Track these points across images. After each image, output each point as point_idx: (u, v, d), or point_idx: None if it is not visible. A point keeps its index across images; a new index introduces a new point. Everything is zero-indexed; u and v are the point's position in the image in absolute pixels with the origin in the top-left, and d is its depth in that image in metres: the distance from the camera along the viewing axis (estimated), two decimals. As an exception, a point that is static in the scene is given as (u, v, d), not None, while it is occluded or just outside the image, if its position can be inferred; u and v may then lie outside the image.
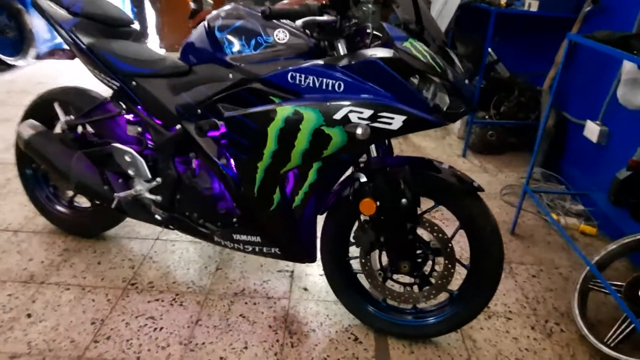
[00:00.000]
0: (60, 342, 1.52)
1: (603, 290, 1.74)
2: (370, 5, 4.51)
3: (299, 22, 1.25)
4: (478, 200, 1.45)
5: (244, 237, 1.61)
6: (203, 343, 1.56)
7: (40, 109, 1.87)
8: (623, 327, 1.60)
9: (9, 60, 4.51)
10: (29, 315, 1.62)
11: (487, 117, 3.06)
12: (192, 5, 4.55)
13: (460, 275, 1.77)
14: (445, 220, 2.34)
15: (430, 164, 1.48)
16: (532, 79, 3.08)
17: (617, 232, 2.16)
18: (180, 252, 2.00)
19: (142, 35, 1.80)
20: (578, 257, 2.16)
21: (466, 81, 1.35)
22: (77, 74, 4.58)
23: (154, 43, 5.95)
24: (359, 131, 1.22)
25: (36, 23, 4.93)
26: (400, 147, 3.24)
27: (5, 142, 3.00)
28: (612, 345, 1.58)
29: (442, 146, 3.29)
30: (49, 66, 4.86)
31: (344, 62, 1.28)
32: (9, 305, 1.65)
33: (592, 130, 2.39)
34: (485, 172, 2.93)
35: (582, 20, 2.54)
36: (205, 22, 1.50)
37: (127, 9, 5.70)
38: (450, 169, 1.47)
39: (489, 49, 2.83)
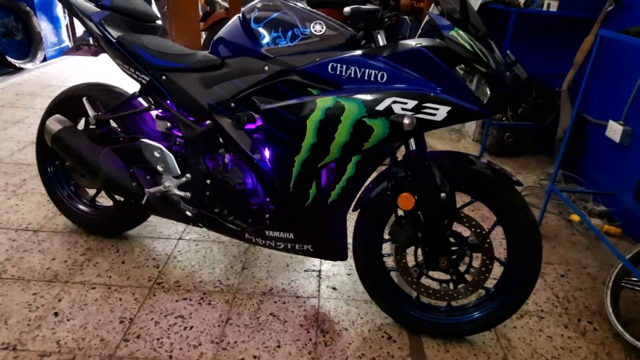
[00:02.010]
0: (89, 340, 1.48)
1: (636, 287, 1.72)
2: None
3: (347, 9, 1.24)
4: (517, 195, 1.43)
5: (276, 234, 1.58)
6: (235, 342, 1.52)
7: (65, 105, 1.85)
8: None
9: (17, 63, 4.49)
10: (56, 314, 1.58)
11: (504, 118, 3.05)
12: (203, 8, 4.56)
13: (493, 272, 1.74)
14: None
15: (467, 158, 1.46)
16: (549, 80, 3.08)
17: (643, 231, 2.14)
18: (204, 252, 1.97)
19: (166, 32, 1.78)
20: (604, 256, 2.14)
21: (507, 73, 1.34)
22: (86, 77, 4.56)
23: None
24: (406, 121, 1.20)
25: (44, 26, 4.92)
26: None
27: (18, 144, 2.97)
28: (650, 342, 1.56)
29: (457, 149, 3.27)
30: (57, 69, 4.84)
31: (387, 51, 1.27)
32: (34, 304, 1.61)
33: (614, 130, 2.38)
34: (503, 174, 2.92)
35: (603, 20, 2.54)
36: (240, 14, 1.49)
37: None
38: (488, 163, 1.45)
39: (508, 51, 2.83)
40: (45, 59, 4.94)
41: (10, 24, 4.50)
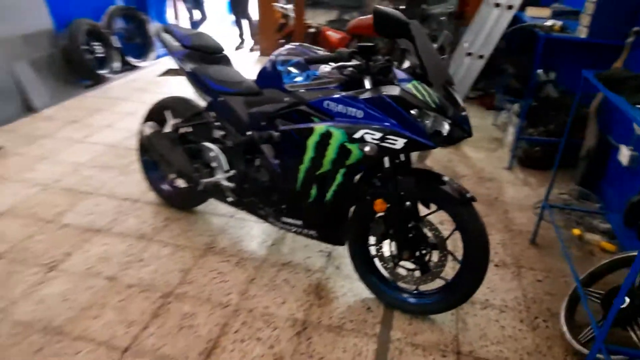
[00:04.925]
0: (158, 280, 2.17)
1: (591, 297, 1.98)
2: (444, 18, 4.82)
3: (328, 68, 1.72)
4: (470, 208, 1.80)
5: (289, 220, 2.13)
6: (254, 295, 2.11)
7: (155, 113, 2.55)
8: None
9: (134, 61, 5.50)
10: (140, 260, 2.30)
11: (535, 133, 3.25)
12: (282, 20, 5.18)
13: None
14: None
15: (436, 176, 1.86)
16: (587, 98, 3.20)
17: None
18: (247, 229, 2.59)
19: (229, 60, 2.39)
20: (587, 268, 2.36)
21: (463, 113, 1.71)
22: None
23: (248, 45, 6.85)
24: (367, 149, 1.67)
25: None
26: (449, 155, 3.56)
27: (129, 132, 3.83)
28: (583, 342, 1.85)
29: (490, 158, 3.53)
30: (163, 67, 5.80)
31: (364, 95, 1.73)
32: (127, 252, 2.35)
33: (624, 154, 2.55)
34: (526, 186, 3.15)
35: (630, 49, 2.67)
36: (272, 56, 2.02)
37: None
38: (451, 182, 1.84)
39: (539, 70, 3.03)
40: (156, 58, 5.93)
41: (132, 29, 5.51)
